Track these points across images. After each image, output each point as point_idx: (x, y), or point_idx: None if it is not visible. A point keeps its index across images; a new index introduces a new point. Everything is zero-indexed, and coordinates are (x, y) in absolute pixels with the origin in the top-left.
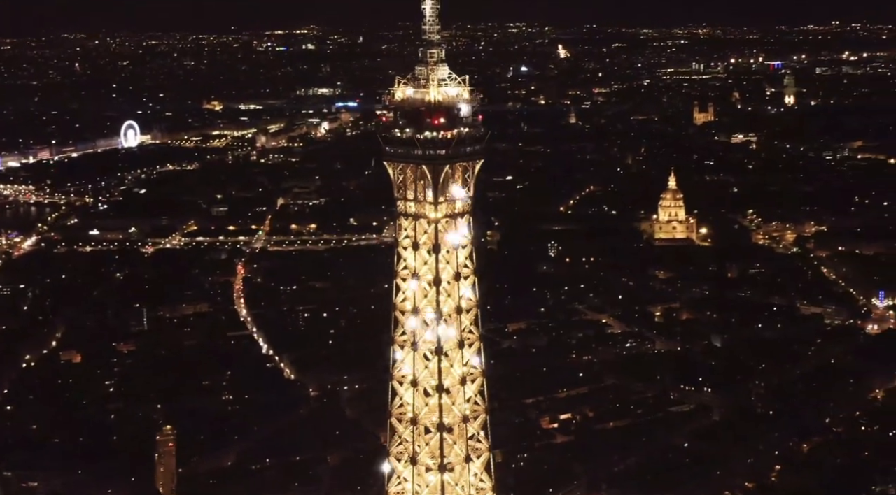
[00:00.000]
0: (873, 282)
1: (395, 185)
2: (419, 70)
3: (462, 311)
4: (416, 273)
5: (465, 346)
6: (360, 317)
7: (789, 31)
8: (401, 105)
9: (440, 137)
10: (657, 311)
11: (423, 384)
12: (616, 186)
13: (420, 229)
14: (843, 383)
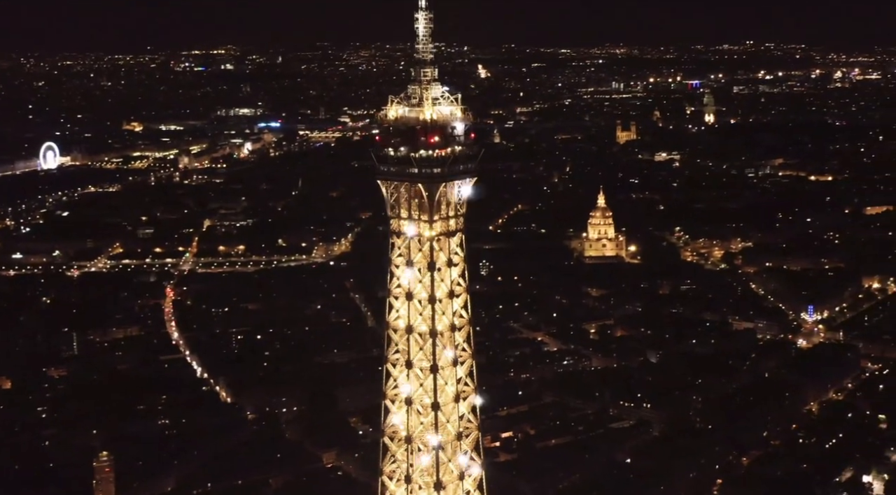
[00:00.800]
0: (802, 296)
1: (387, 204)
2: (412, 88)
3: (456, 329)
4: (410, 291)
5: (459, 364)
6: (295, 338)
7: (705, 51)
8: (395, 124)
9: (435, 156)
10: (592, 328)
11: (417, 402)
12: (544, 205)
13: (414, 247)
14: (778, 396)
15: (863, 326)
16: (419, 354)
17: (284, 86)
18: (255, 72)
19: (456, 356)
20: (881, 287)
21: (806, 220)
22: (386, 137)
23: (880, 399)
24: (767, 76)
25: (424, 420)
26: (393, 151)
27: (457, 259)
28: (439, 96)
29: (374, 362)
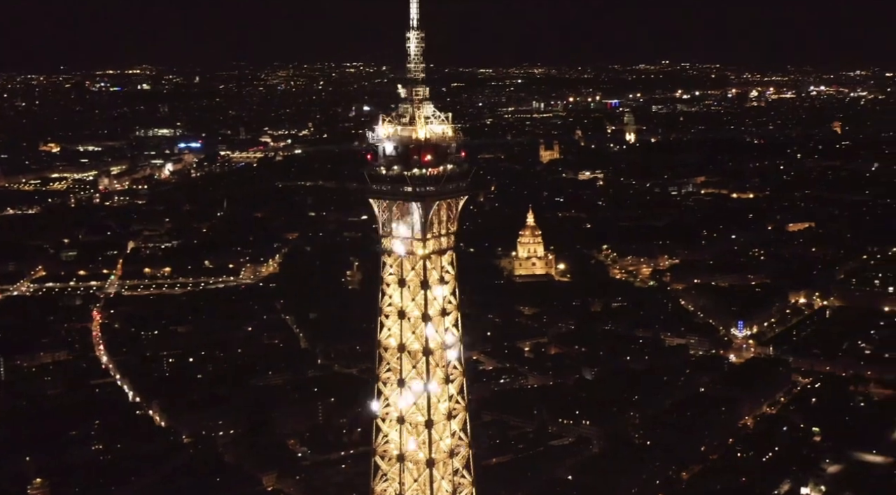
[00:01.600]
0: (731, 312)
1: (379, 223)
2: (404, 107)
3: (447, 347)
4: (403, 310)
5: (450, 383)
6: (227, 360)
7: (622, 71)
8: (388, 142)
9: (428, 174)
10: (526, 347)
11: (409, 420)
12: (471, 224)
13: (408, 266)
14: (714, 411)
15: (791, 341)
16: (412, 372)
17: (203, 106)
18: (172, 92)
19: (448, 373)
20: (807, 302)
21: (731, 237)
22: (377, 156)
23: (813, 412)
24: (685, 95)
25: (417, 438)
26: (385, 170)
27: (448, 277)
28: (430, 115)
29: (311, 383)
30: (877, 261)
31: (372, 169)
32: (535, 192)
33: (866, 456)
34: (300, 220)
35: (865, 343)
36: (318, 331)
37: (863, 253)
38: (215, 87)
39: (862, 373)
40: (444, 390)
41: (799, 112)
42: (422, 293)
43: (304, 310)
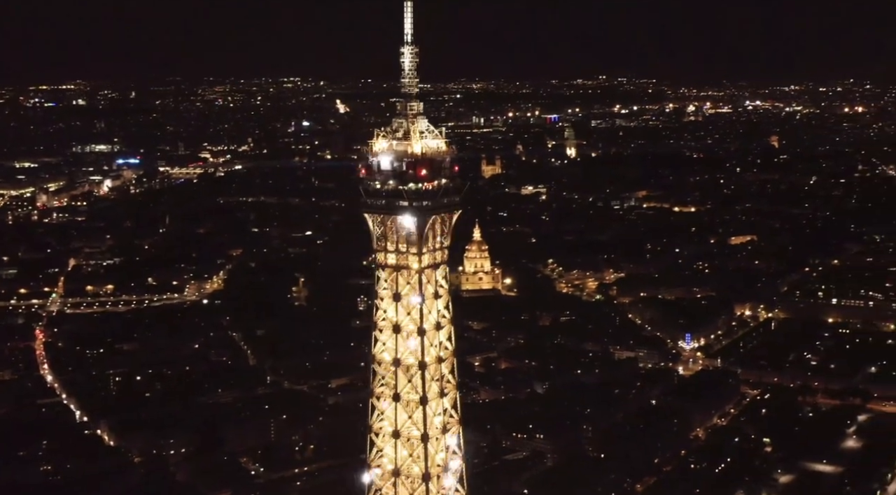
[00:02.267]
0: (678, 325)
1: (373, 237)
2: (398, 122)
3: (442, 361)
4: (398, 324)
5: (444, 396)
6: (175, 378)
7: (560, 86)
8: (382, 157)
9: (424, 189)
10: (476, 361)
11: (404, 433)
12: None
13: (402, 280)
14: (666, 423)
15: (739, 353)
16: (407, 386)
17: (140, 121)
18: (108, 107)
19: (442, 387)
20: (752, 314)
21: (674, 251)
22: (372, 171)
23: (764, 423)
24: (623, 110)
25: (413, 452)
26: (380, 185)
27: (441, 291)
28: (424, 129)
29: (261, 400)
30: (819, 273)
31: (366, 183)
32: (479, 207)
33: (817, 466)
34: (243, 236)
35: (811, 354)
36: (267, 348)
37: (805, 265)
38: (151, 102)
39: (809, 384)
40: (439, 404)
41: (736, 126)
42: (417, 307)
43: (251, 326)
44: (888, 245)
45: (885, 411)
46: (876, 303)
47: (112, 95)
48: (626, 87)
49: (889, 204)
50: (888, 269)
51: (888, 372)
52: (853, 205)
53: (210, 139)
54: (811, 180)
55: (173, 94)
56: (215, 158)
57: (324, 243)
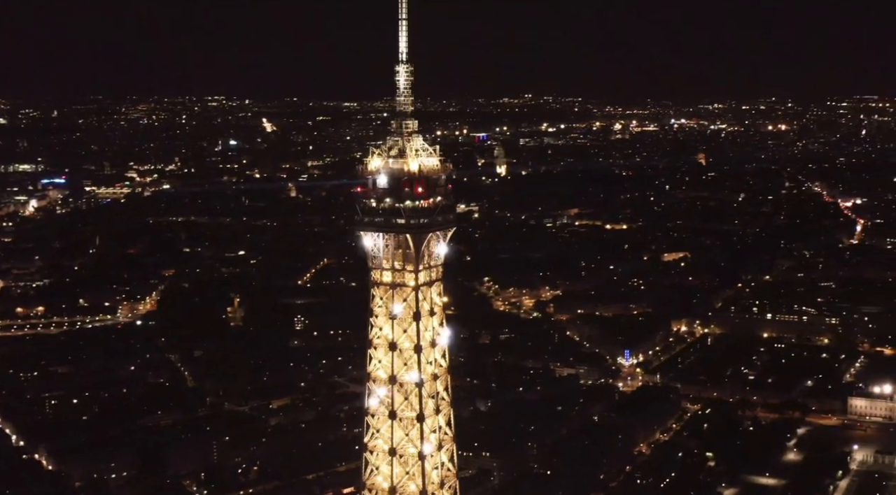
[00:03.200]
0: (617, 341)
1: (368, 255)
2: (393, 140)
3: (437, 378)
4: (394, 341)
5: (439, 413)
6: (113, 401)
7: (486, 104)
8: (379, 175)
9: (421, 206)
10: None
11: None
12: (350, 258)
13: (399, 297)
14: (610, 439)
15: (677, 368)
16: (404, 404)
17: (63, 140)
18: (30, 126)
19: (437, 404)
20: (689, 330)
21: (609, 268)
22: (368, 188)
23: (706, 437)
24: (550, 129)
25: (409, 470)
26: (376, 202)
27: (436, 308)
28: (419, 148)
29: (202, 422)
30: (752, 288)
31: (362, 201)
32: None
33: (760, 480)
34: (175, 256)
35: (748, 368)
36: (205, 369)
37: (738, 281)
38: (75, 121)
39: (748, 398)
40: (435, 420)
41: (663, 144)
42: (414, 324)
43: (187, 347)
44: (818, 260)
45: (824, 424)
46: (809, 318)
47: (34, 114)
48: (553, 106)
49: (817, 220)
50: (819, 284)
51: (824, 386)
52: (782, 222)
53: (136, 158)
54: (740, 197)
55: (96, 113)
56: (142, 178)
57: (257, 263)
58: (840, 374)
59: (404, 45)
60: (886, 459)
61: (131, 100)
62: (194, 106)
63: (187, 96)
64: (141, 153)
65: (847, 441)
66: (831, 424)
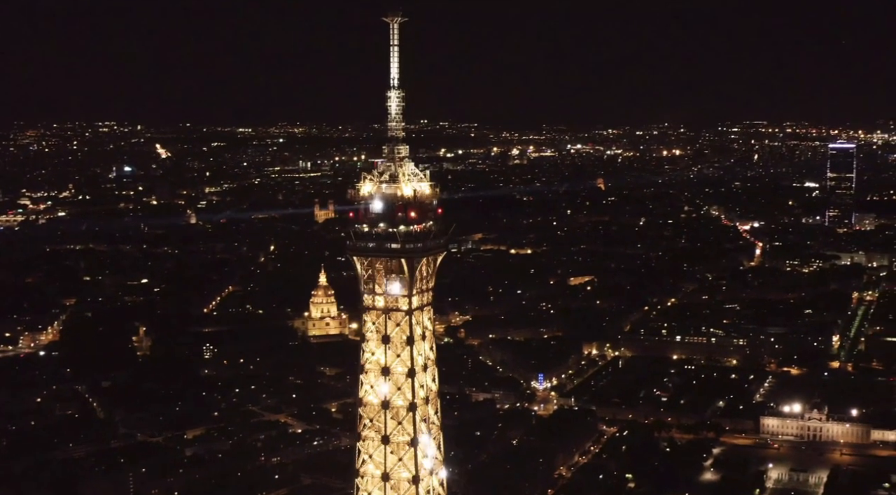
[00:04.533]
0: (530, 365)
1: (360, 280)
2: (385, 165)
3: (428, 402)
4: (387, 366)
5: (430, 437)
6: (20, 434)
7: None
8: (372, 200)
9: (414, 231)
10: (333, 407)
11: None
12: (256, 285)
13: (391, 323)
14: (531, 463)
15: (591, 391)
16: (397, 429)
17: None
18: None
19: (429, 428)
20: (599, 353)
21: (517, 292)
22: (361, 214)
23: (625, 459)
24: (448, 154)
25: None
26: (368, 227)
27: (427, 332)
28: (409, 173)
29: (116, 453)
30: (658, 311)
31: (355, 227)
32: (316, 252)
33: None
34: (75, 285)
35: (661, 390)
36: (114, 400)
37: (644, 304)
38: None
39: (663, 419)
40: (425, 446)
41: (562, 169)
42: (407, 349)
43: (95, 378)
44: (721, 283)
45: (738, 443)
46: (717, 340)
47: None
48: (449, 131)
49: (717, 243)
50: (724, 306)
51: (736, 406)
52: (683, 245)
53: (28, 185)
54: (641, 221)
55: None
56: (35, 205)
57: (161, 291)
58: (750, 394)
59: (395, 72)
60: (801, 477)
61: (19, 125)
62: (84, 131)
63: (77, 122)
64: (33, 180)
65: (762, 460)
66: (745, 444)
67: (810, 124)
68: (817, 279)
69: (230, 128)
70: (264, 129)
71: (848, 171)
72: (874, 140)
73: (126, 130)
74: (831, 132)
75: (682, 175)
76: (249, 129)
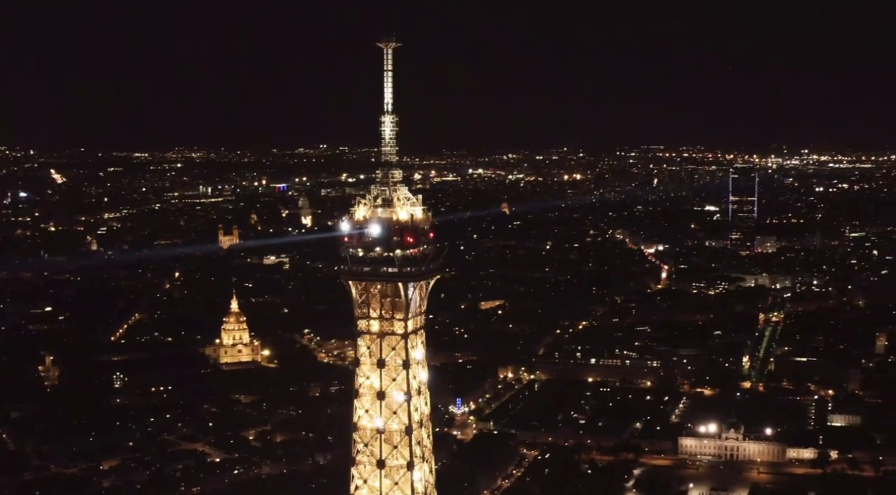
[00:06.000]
0: (447, 390)
1: (355, 304)
2: (379, 189)
3: (422, 426)
4: (383, 391)
5: (425, 460)
6: None
7: (282, 154)
8: (368, 225)
9: (411, 255)
10: (251, 435)
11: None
12: (164, 312)
13: (387, 346)
14: (455, 487)
15: (509, 415)
16: (393, 452)
17: None
18: None
19: (422, 451)
20: (515, 376)
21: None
22: (356, 238)
23: (547, 482)
24: (350, 179)
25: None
26: (362, 251)
27: (420, 356)
28: (403, 197)
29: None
30: (570, 334)
31: (349, 251)
32: (223, 278)
33: None
34: None
35: (578, 413)
36: (25, 431)
37: (557, 327)
38: None
39: (583, 441)
40: (421, 468)
41: (465, 194)
42: (403, 373)
43: (3, 408)
44: (630, 306)
45: (658, 464)
46: (631, 362)
47: None
48: (349, 156)
49: (624, 266)
50: (635, 329)
51: (653, 427)
52: (591, 269)
53: None
54: (547, 245)
55: None
56: None
57: (66, 319)
58: (666, 415)
59: (389, 96)
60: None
61: None
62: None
63: None
64: None
65: (682, 480)
66: (664, 464)
67: (706, 148)
68: (724, 301)
69: (126, 153)
70: (161, 154)
71: (750, 195)
72: (769, 164)
73: (19, 155)
74: (727, 157)
75: (584, 199)
76: (146, 154)
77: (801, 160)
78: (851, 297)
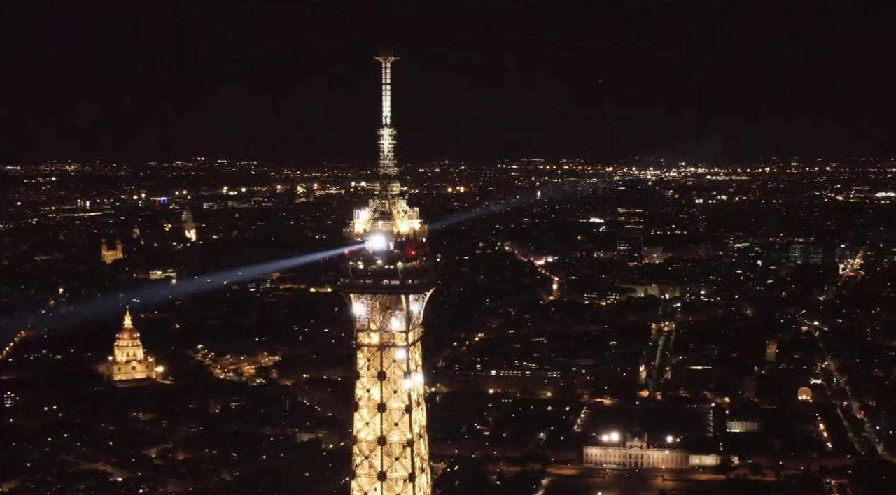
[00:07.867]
0: (349, 405)
1: (355, 318)
2: (379, 202)
3: (421, 437)
4: (384, 403)
5: (423, 472)
6: None
7: (159, 167)
8: (369, 237)
9: (412, 267)
10: (153, 453)
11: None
12: (51, 329)
13: (387, 359)
14: None
15: None
16: (394, 464)
17: None
18: None
19: (422, 463)
20: None
21: (324, 331)
22: (357, 251)
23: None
24: (231, 192)
25: None
26: (364, 265)
27: (419, 367)
28: (402, 210)
29: None
30: (468, 347)
31: (350, 264)
32: (108, 294)
33: None
34: None
35: (482, 424)
36: None
37: (453, 340)
38: None
39: (489, 453)
40: (420, 479)
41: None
42: (403, 384)
43: None
44: (524, 317)
45: (564, 474)
46: (532, 373)
47: None
48: (229, 169)
49: (515, 278)
50: (532, 340)
51: (557, 437)
52: (483, 281)
53: None
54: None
55: None
56: None
57: None
58: (570, 425)
59: (388, 110)
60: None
61: None
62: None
63: None
64: None
65: (590, 488)
66: (571, 474)
67: (585, 161)
68: (616, 311)
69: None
70: (34, 167)
71: (637, 206)
72: (648, 176)
73: None
74: (606, 169)
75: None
76: (17, 167)
77: (679, 172)
78: (739, 306)
